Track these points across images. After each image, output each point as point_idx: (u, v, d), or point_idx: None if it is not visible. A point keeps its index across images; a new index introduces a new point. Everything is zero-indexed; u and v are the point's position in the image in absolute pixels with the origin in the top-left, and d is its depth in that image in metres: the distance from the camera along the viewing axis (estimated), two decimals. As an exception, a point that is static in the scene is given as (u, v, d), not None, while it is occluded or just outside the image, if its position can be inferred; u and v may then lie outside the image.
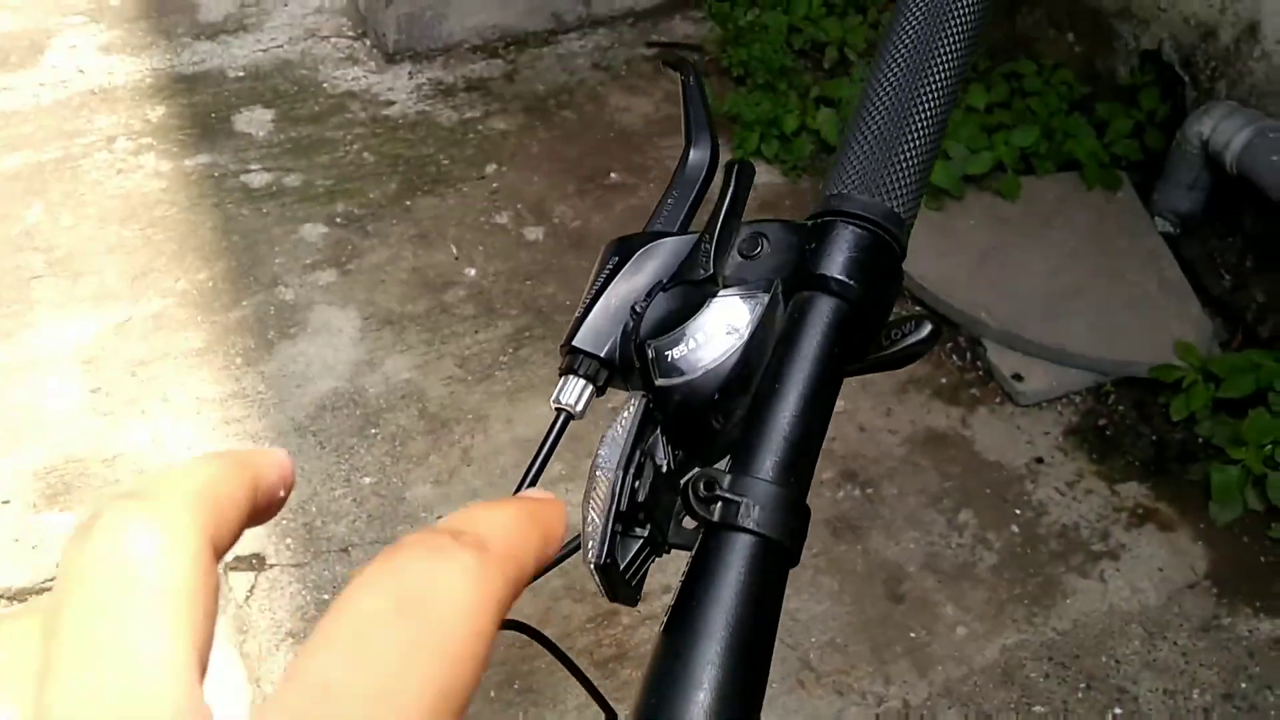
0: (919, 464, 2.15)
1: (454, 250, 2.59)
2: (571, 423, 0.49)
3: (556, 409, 0.49)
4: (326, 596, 1.92)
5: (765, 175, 2.76)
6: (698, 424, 0.46)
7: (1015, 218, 2.49)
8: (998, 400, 2.26)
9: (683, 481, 0.42)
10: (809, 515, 0.43)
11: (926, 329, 0.48)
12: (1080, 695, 1.80)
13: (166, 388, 2.22)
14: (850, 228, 0.47)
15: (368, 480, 2.13)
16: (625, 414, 0.44)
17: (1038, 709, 1.78)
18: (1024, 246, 2.43)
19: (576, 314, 0.49)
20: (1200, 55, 2.46)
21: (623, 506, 0.42)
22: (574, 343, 0.49)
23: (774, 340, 0.46)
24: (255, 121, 2.92)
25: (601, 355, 0.49)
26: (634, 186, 2.73)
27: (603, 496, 0.42)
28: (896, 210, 0.48)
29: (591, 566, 0.42)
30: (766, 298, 0.47)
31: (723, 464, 0.44)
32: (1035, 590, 1.94)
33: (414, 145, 2.87)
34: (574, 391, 0.48)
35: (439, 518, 1.24)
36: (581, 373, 0.48)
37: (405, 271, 2.54)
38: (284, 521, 2.05)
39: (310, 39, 3.21)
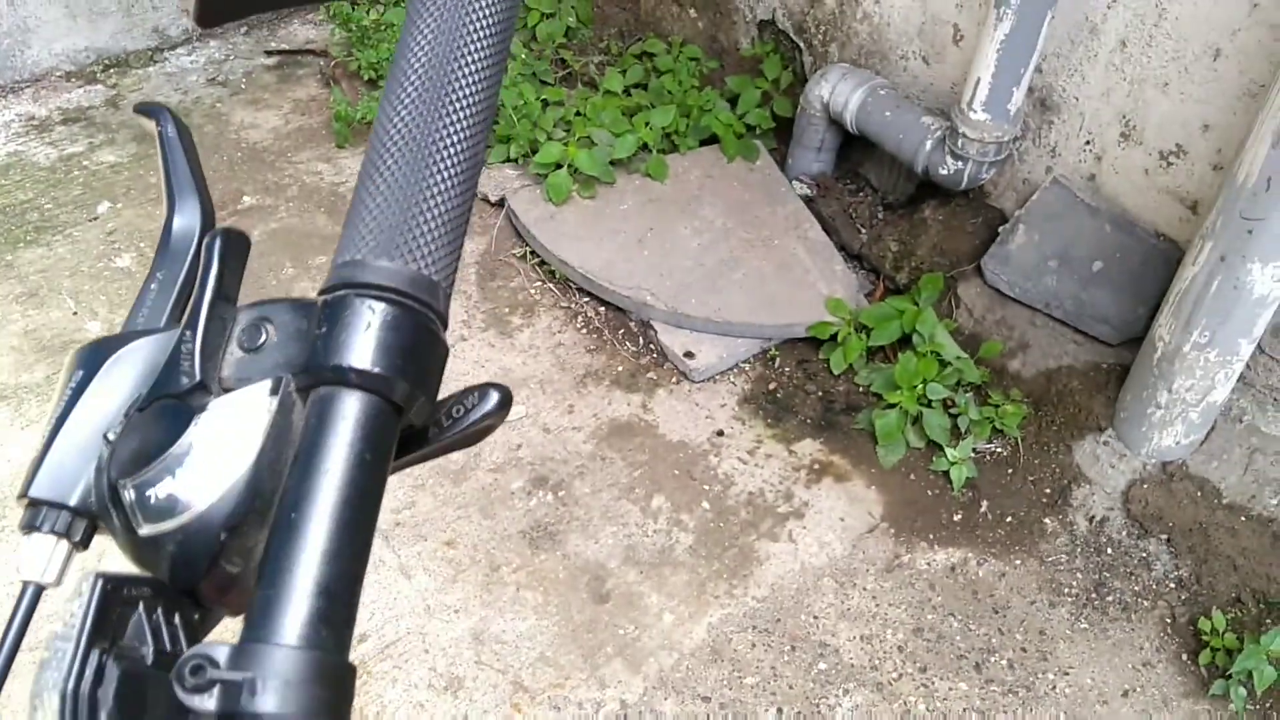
0: (607, 457, 2.12)
1: (71, 304, 2.31)
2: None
3: (23, 583, 0.38)
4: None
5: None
6: (207, 575, 0.37)
7: (666, 197, 2.51)
8: (674, 380, 2.28)
9: (172, 672, 0.32)
10: (353, 676, 0.35)
11: (493, 399, 0.41)
12: (786, 658, 1.83)
13: None
14: (368, 302, 0.39)
15: (-1, 583, 1.86)
16: (73, 609, 0.34)
17: (749, 680, 1.80)
18: (678, 225, 2.46)
19: (35, 454, 0.39)
20: (810, 21, 2.57)
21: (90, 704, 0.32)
22: (31, 493, 0.38)
23: (290, 453, 0.37)
24: None
25: (72, 504, 0.38)
26: (271, 208, 2.54)
27: (47, 704, 0.32)
28: (426, 273, 0.40)
29: None
30: (275, 401, 0.38)
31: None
32: (732, 563, 1.97)
33: (8, 192, 2.55)
34: (42, 555, 0.38)
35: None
36: (48, 529, 0.38)
37: (15, 337, 2.24)
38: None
39: None
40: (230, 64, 2.96)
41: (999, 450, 2.14)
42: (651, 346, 2.31)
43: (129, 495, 0.37)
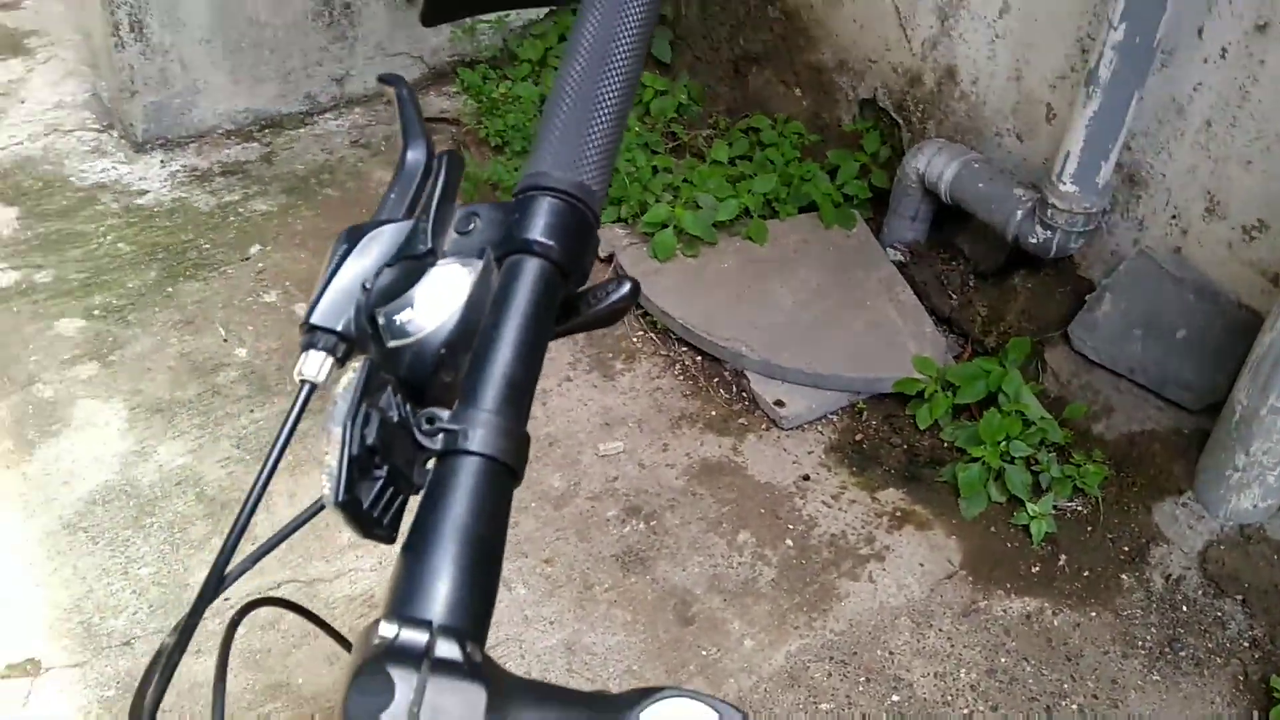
0: (697, 493, 2.25)
1: (222, 332, 2.56)
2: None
3: (300, 381, 0.54)
4: (110, 693, 1.84)
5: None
6: (430, 379, 0.53)
7: (765, 258, 2.67)
8: (764, 427, 2.41)
9: (412, 421, 0.48)
10: (528, 441, 0.50)
11: (626, 286, 0.57)
12: (861, 688, 1.92)
13: (-87, 499, 2.10)
14: (548, 199, 0.55)
15: (146, 571, 2.06)
16: (350, 375, 0.50)
17: (824, 706, 1.89)
18: (775, 284, 2.61)
19: (312, 296, 0.55)
20: (910, 99, 2.73)
21: (354, 452, 0.48)
22: (311, 320, 0.54)
23: (490, 299, 0.53)
24: (-2, 220, 2.80)
25: (338, 329, 0.54)
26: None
27: (335, 445, 0.48)
28: (587, 183, 0.57)
29: (334, 507, 0.47)
30: (480, 264, 0.54)
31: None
32: (812, 597, 2.07)
33: (172, 232, 2.82)
34: (314, 364, 0.54)
35: (226, 600, 1.27)
36: (320, 346, 0.54)
37: (172, 358, 2.48)
38: (56, 624, 1.96)
39: (53, 134, 3.12)
40: (372, 129, 3.24)
41: (1079, 508, 2.21)
42: (744, 394, 2.45)
43: (381, 320, 0.53)
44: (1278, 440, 1.96)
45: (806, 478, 2.30)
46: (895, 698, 1.92)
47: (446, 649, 0.43)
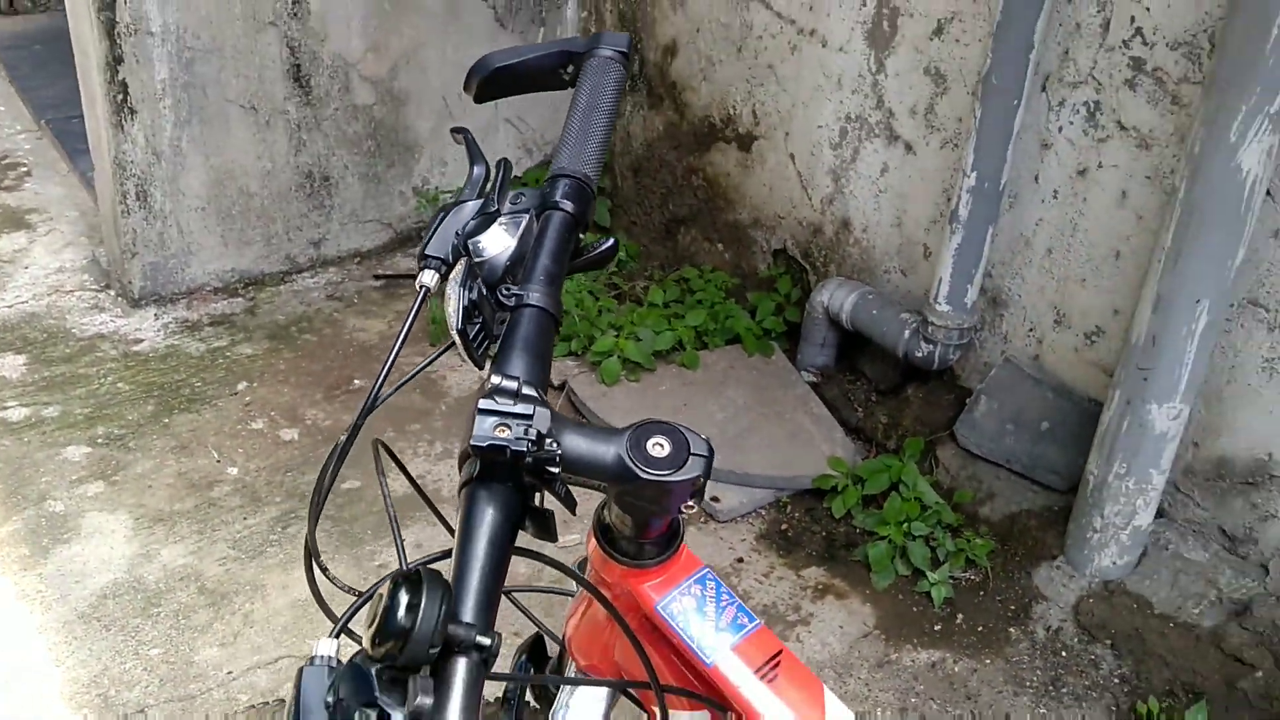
0: (645, 575, 2.57)
1: (215, 455, 2.87)
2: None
3: (420, 287, 0.91)
4: (130, 748, 2.08)
5: (490, 370, 3.24)
6: (498, 283, 0.90)
7: (698, 381, 3.08)
8: (703, 520, 2.75)
9: (498, 291, 0.86)
10: (562, 307, 0.88)
11: (610, 241, 0.97)
12: (792, 725, 2.21)
13: (-53, 591, 2.34)
14: (566, 179, 0.95)
15: (156, 651, 2.31)
16: (459, 267, 0.88)
17: (761, 741, 2.18)
18: (707, 402, 3.01)
19: (425, 238, 0.93)
20: (814, 247, 3.21)
21: (465, 303, 0.85)
22: (426, 251, 0.92)
23: (530, 239, 0.92)
24: (7, 365, 3.12)
25: (442, 257, 0.92)
26: (376, 389, 3.13)
27: (454, 298, 0.85)
28: (589, 172, 0.97)
29: (455, 333, 0.84)
30: (526, 218, 0.93)
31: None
32: (748, 654, 2.38)
33: (166, 373, 3.16)
34: (429, 277, 0.91)
35: (229, 673, 1.62)
36: (431, 266, 0.91)
37: (171, 477, 2.78)
38: (76, 696, 2.19)
39: (55, 294, 3.47)
40: (345, 284, 3.65)
41: (971, 576, 2.57)
42: (684, 495, 2.81)
43: (470, 246, 0.91)
44: (1124, 503, 2.36)
45: (741, 560, 2.64)
46: (822, 733, 2.21)
47: (528, 389, 0.80)
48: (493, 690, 1.29)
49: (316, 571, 0.91)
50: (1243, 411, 2.31)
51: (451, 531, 0.84)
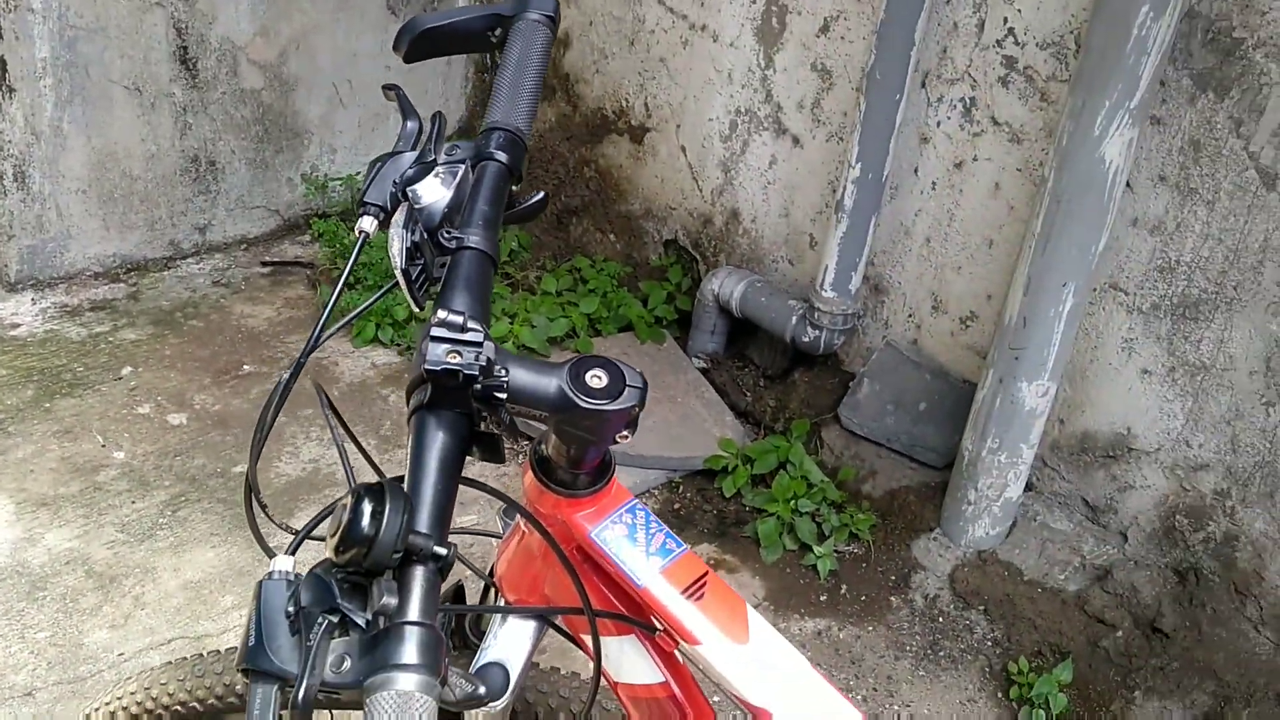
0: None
1: (100, 439, 2.80)
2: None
3: (359, 233, 0.95)
4: (18, 729, 2.03)
5: (384, 356, 3.24)
6: (436, 230, 0.94)
7: (590, 367, 3.13)
8: (596, 501, 2.81)
9: (438, 235, 0.91)
10: (499, 255, 0.93)
11: (541, 194, 1.02)
12: (687, 692, 2.29)
13: None
14: (499, 132, 1.00)
15: (42, 635, 2.26)
16: (400, 212, 0.92)
17: (658, 707, 2.24)
18: (600, 387, 3.06)
19: (362, 187, 0.96)
20: (704, 238, 3.31)
21: (407, 244, 0.89)
22: (365, 199, 0.95)
23: (468, 187, 0.97)
24: (-128, 348, 2.99)
25: (380, 204, 0.96)
26: (266, 374, 3.10)
27: (397, 238, 0.89)
28: (520, 125, 1.01)
29: (399, 273, 0.89)
30: (462, 168, 0.98)
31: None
32: (644, 627, 2.44)
33: (45, 358, 3.07)
34: (368, 223, 0.95)
35: (120, 655, 1.63)
36: (370, 212, 0.95)
37: (54, 461, 2.71)
38: (-43, 682, 2.13)
39: (-79, 276, 3.34)
40: (232, 271, 3.60)
41: (854, 550, 2.69)
42: (579, 476, 2.86)
43: (408, 193, 0.95)
44: (996, 477, 2.50)
45: (633, 538, 2.70)
46: (716, 698, 2.28)
47: (472, 323, 0.84)
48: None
49: (257, 509, 0.94)
50: (1104, 389, 2.48)
51: (381, 474, 0.88)
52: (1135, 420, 2.45)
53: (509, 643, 1.04)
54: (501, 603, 1.12)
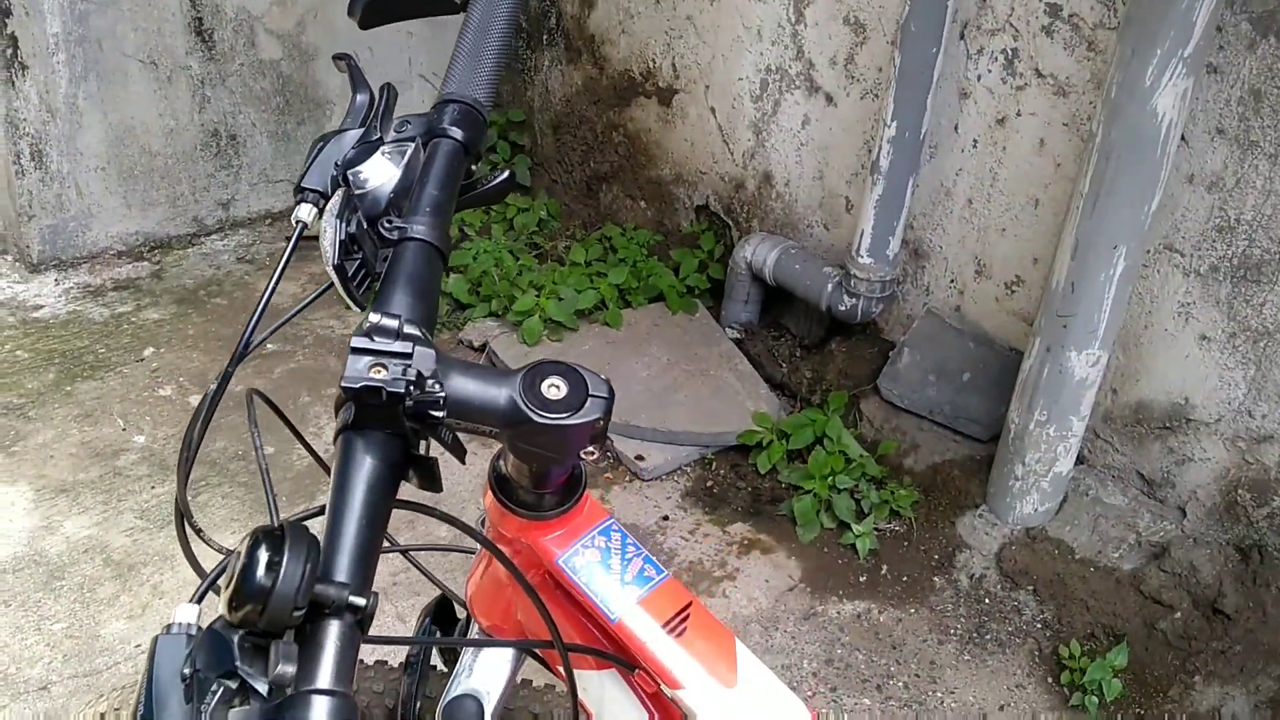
0: (569, 535, 2.53)
1: (121, 423, 2.76)
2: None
3: (296, 222, 0.85)
4: (32, 728, 1.99)
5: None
6: (380, 217, 0.84)
7: (621, 340, 3.03)
8: (628, 479, 2.72)
9: (379, 224, 0.80)
10: (450, 237, 0.82)
11: (506, 173, 0.91)
12: (719, 680, 2.20)
13: None
14: (453, 105, 0.89)
15: (59, 626, 2.22)
16: (335, 198, 0.82)
17: (688, 697, 2.16)
18: (630, 360, 2.96)
19: (300, 172, 0.86)
20: (736, 203, 3.18)
21: (342, 236, 0.79)
22: (302, 184, 0.85)
23: (418, 168, 0.86)
24: (-105, 333, 2.96)
25: (320, 189, 0.85)
26: (290, 353, 3.04)
27: (330, 230, 0.79)
28: (479, 97, 0.90)
29: (330, 269, 0.78)
30: (411, 147, 0.87)
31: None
32: (674, 611, 2.35)
33: (68, 340, 3.03)
34: (305, 212, 0.85)
35: (137, 646, 1.54)
36: (308, 200, 0.85)
37: (74, 446, 2.67)
38: (-26, 675, 2.09)
39: (-55, 260, 3.31)
40: (256, 247, 3.53)
41: (896, 527, 2.58)
42: (608, 453, 2.77)
43: (351, 177, 0.84)
44: (1045, 450, 2.37)
45: (666, 518, 2.61)
46: (749, 687, 2.20)
47: (410, 328, 0.74)
48: (396, 655, 1.23)
49: (190, 534, 0.85)
50: (1159, 357, 2.33)
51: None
52: (1193, 389, 2.30)
53: (484, 673, 0.95)
54: (475, 628, 1.03)
